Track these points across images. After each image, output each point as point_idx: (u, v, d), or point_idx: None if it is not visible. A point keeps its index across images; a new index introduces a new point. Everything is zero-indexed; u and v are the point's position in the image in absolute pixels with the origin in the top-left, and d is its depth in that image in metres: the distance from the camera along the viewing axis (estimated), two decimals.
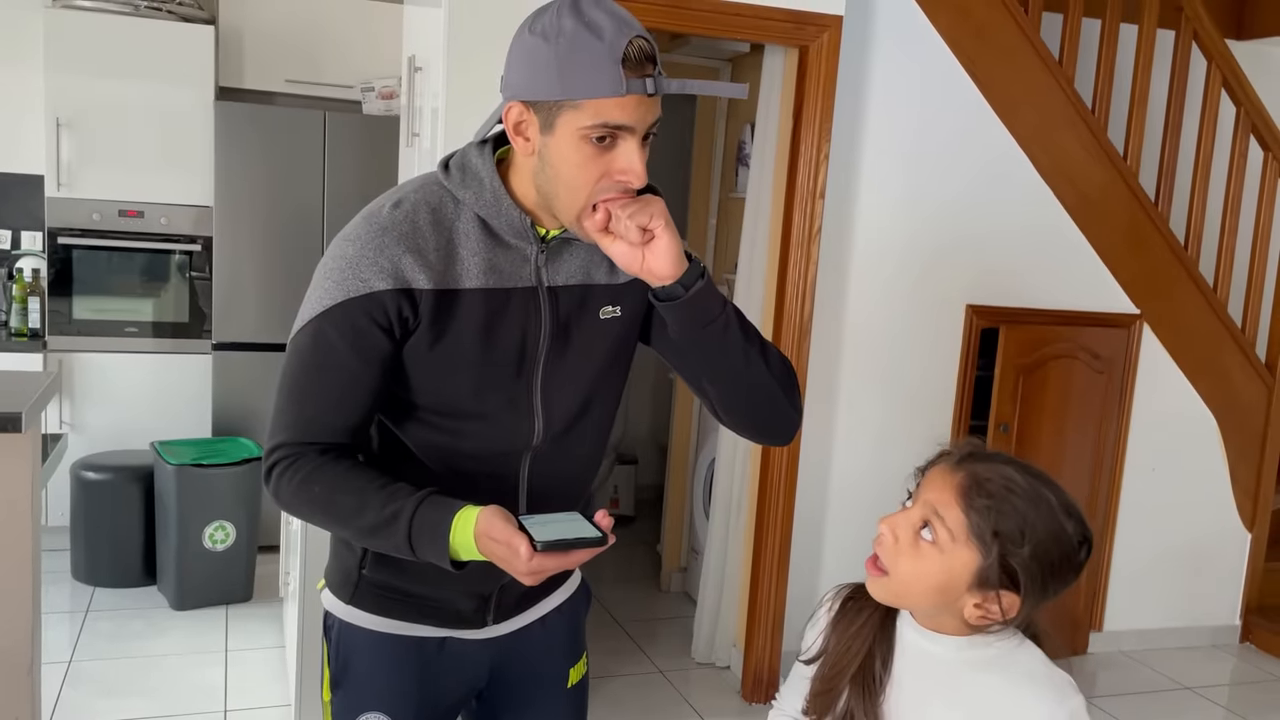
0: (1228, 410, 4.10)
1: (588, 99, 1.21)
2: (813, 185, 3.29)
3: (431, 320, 1.31)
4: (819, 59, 3.24)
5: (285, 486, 1.33)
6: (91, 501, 3.93)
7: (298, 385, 1.34)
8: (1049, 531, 1.17)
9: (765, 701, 3.46)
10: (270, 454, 1.35)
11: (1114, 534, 4.04)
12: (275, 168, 4.27)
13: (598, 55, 1.19)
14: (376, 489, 1.30)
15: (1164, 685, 3.87)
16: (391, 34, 4.23)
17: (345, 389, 1.32)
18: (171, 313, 4.36)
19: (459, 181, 1.34)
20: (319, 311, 1.30)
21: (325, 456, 1.33)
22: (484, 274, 1.32)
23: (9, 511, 2.22)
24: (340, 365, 1.30)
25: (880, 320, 3.54)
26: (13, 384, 2.39)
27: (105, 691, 3.22)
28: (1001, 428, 3.65)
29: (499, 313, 1.33)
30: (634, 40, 1.20)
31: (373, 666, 1.47)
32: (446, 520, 1.25)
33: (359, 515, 1.30)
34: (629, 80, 1.20)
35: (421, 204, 1.33)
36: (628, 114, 1.22)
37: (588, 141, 1.23)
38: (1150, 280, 3.89)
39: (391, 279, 1.28)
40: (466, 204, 1.33)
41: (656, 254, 1.28)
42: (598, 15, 1.21)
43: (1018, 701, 1.19)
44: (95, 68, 4.12)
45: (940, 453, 1.26)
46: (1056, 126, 3.63)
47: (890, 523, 1.22)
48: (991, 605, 1.19)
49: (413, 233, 1.30)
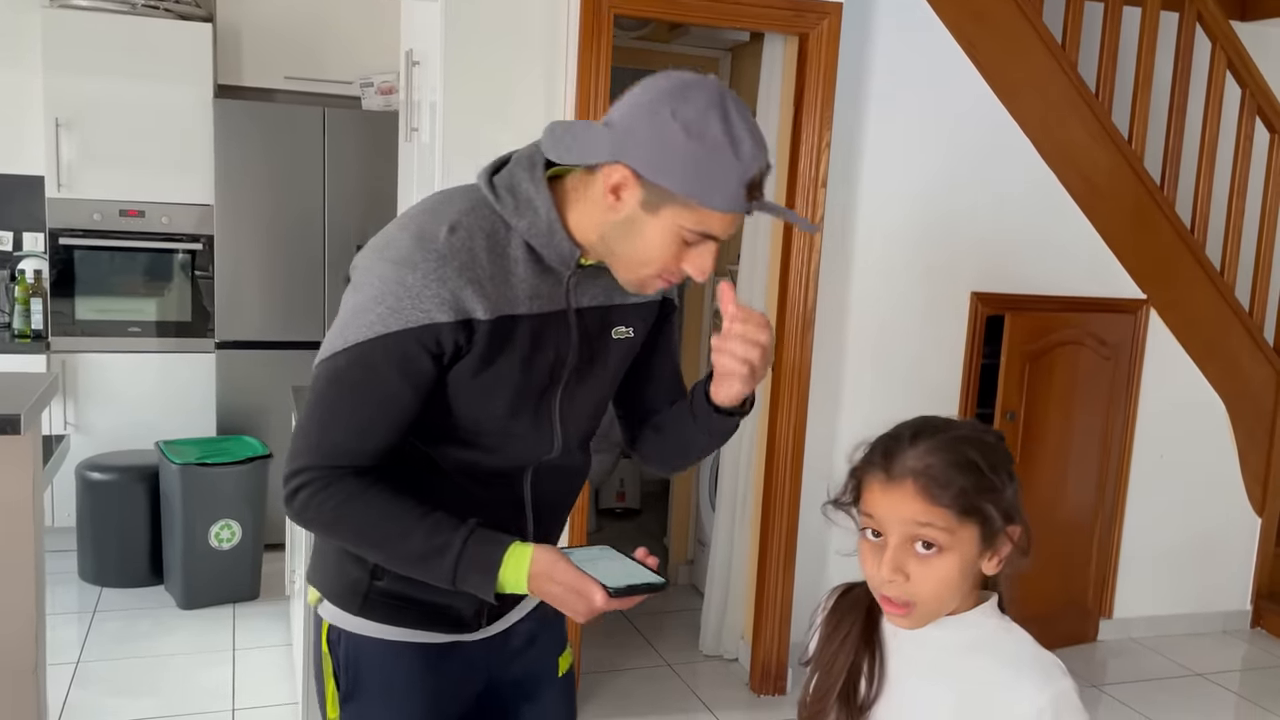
0: (1236, 395, 4.07)
1: (704, 207, 1.25)
2: (815, 174, 3.27)
3: (484, 348, 1.31)
4: (819, 46, 3.22)
5: (315, 510, 1.32)
6: (97, 502, 3.93)
7: (334, 409, 1.31)
8: (995, 456, 1.22)
9: (774, 693, 3.45)
10: (296, 475, 1.32)
11: (1123, 521, 4.02)
12: (275, 165, 4.26)
13: (730, 172, 1.23)
14: (418, 518, 1.31)
15: (1175, 672, 3.85)
16: (390, 29, 4.21)
17: (388, 415, 1.31)
18: (174, 312, 4.35)
19: (511, 208, 1.33)
20: (370, 336, 1.27)
21: (361, 480, 1.31)
22: (530, 299, 1.34)
23: (11, 513, 2.22)
24: (387, 392, 1.29)
25: (884, 309, 3.52)
26: (12, 385, 2.38)
27: (113, 691, 3.22)
28: (1008, 415, 3.63)
29: (540, 337, 1.36)
30: (763, 169, 1.26)
31: (386, 677, 1.46)
32: (497, 556, 1.29)
33: (403, 541, 1.31)
34: (745, 203, 1.26)
35: (477, 230, 1.31)
36: (727, 228, 1.29)
37: (681, 237, 1.28)
38: (1157, 265, 3.86)
39: (453, 311, 1.27)
40: (517, 230, 1.33)
41: (745, 386, 1.37)
42: (741, 129, 1.24)
43: (1006, 682, 1.19)
44: (94, 67, 4.11)
45: (856, 475, 1.25)
46: (1060, 111, 3.60)
47: (891, 564, 1.19)
48: (1002, 548, 1.21)
49: (471, 262, 1.29)
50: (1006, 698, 1.18)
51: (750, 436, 3.53)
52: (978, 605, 1.24)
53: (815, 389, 3.41)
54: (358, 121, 4.33)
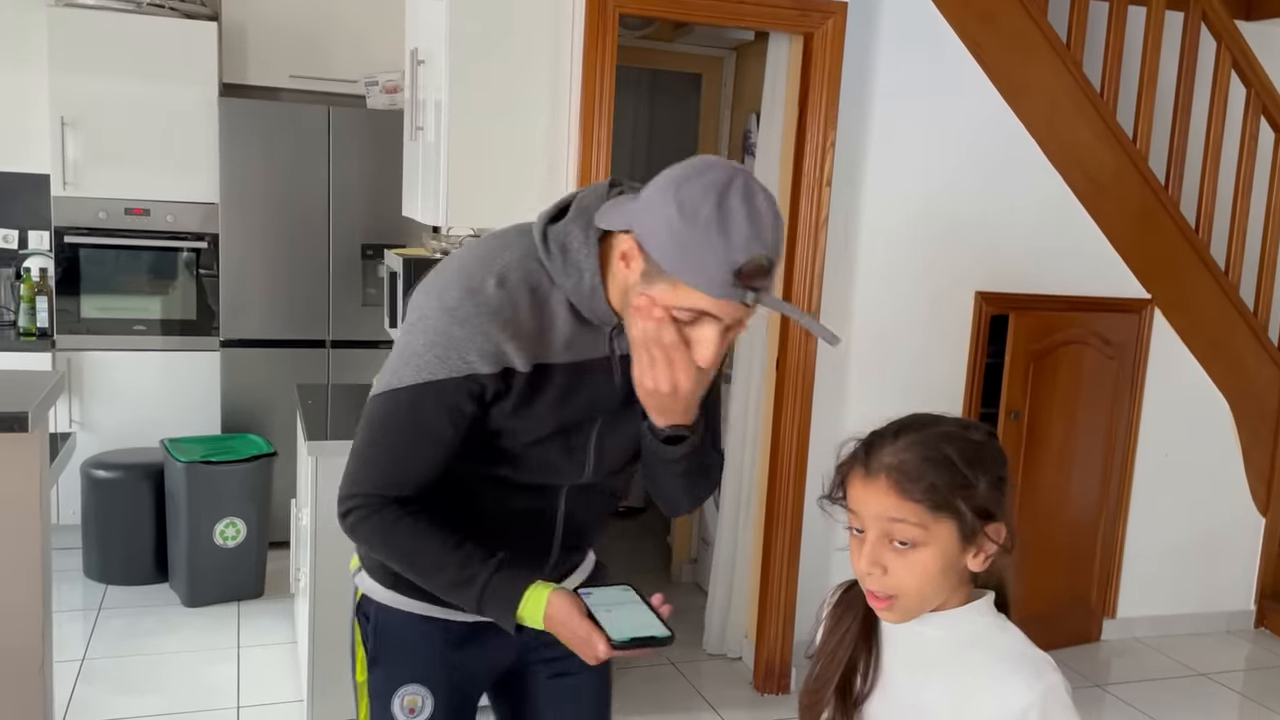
0: (1241, 394, 4.07)
1: (694, 289, 1.27)
2: (819, 174, 3.27)
3: (520, 393, 1.40)
4: (824, 46, 3.22)
5: (365, 532, 1.45)
6: (102, 500, 3.93)
7: (388, 444, 1.43)
8: (975, 453, 1.21)
9: (778, 692, 3.46)
10: (350, 498, 1.45)
11: (1127, 520, 4.02)
12: (280, 163, 4.26)
13: (717, 257, 1.24)
14: (451, 549, 1.42)
15: (1179, 672, 3.85)
16: (395, 27, 4.21)
17: (433, 453, 1.42)
18: (179, 310, 4.36)
19: (560, 267, 1.39)
20: (420, 382, 1.37)
21: (405, 509, 1.43)
22: (566, 348, 1.42)
23: (18, 510, 2.23)
24: (434, 435, 1.40)
25: (889, 309, 3.52)
26: (19, 383, 2.39)
27: (118, 688, 3.23)
28: (1012, 415, 3.63)
29: (577, 383, 1.43)
30: (756, 258, 1.25)
31: (411, 643, 1.57)
32: (517, 596, 1.39)
33: (438, 572, 1.43)
34: (735, 290, 1.25)
35: (522, 284, 1.39)
36: (720, 310, 1.29)
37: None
38: (1161, 264, 3.86)
39: (494, 363, 1.37)
40: (561, 287, 1.40)
41: (653, 415, 1.40)
42: (738, 212, 1.25)
43: (998, 678, 1.20)
44: (99, 66, 4.12)
45: (839, 471, 1.28)
46: (1065, 111, 3.60)
47: (869, 559, 1.22)
48: (986, 545, 1.22)
49: (515, 317, 1.37)
50: (997, 693, 1.19)
51: (754, 435, 3.53)
52: (971, 602, 1.25)
53: (819, 388, 3.41)
54: (362, 120, 4.34)
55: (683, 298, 1.28)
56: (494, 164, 3.07)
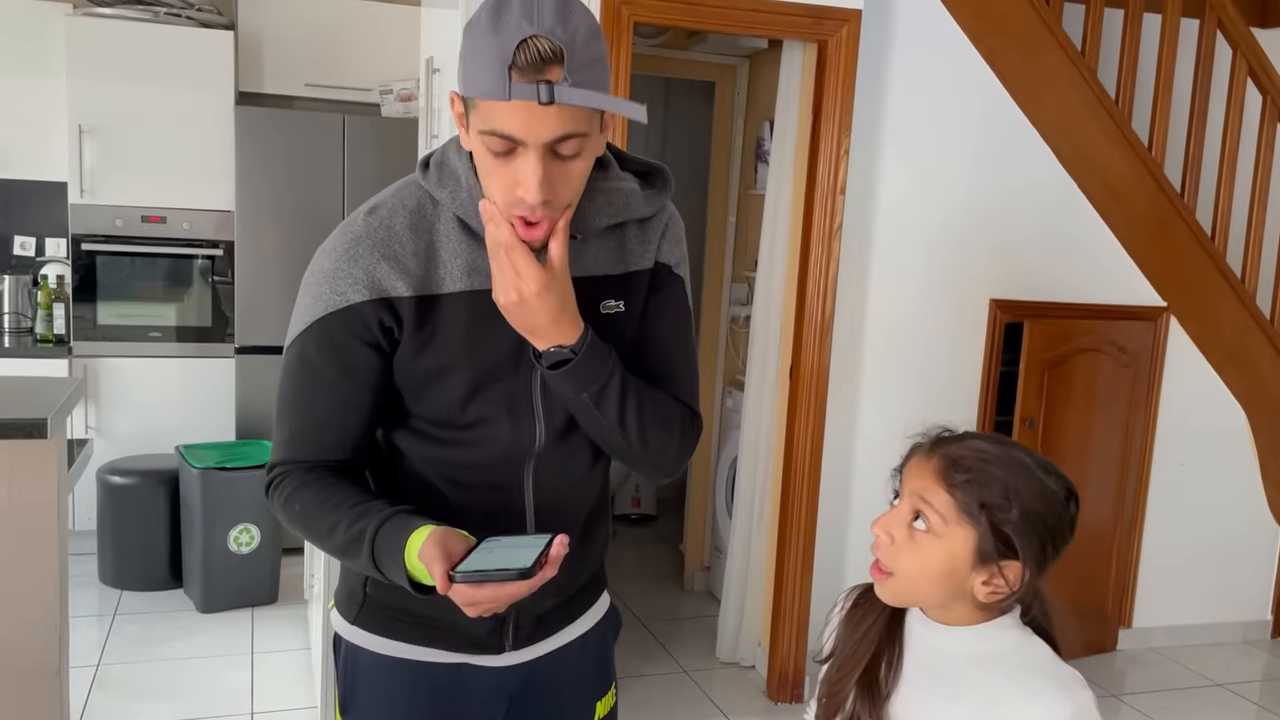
0: (1257, 403, 4.05)
1: (479, 99, 1.13)
2: (833, 181, 3.27)
3: (415, 328, 1.26)
4: (838, 54, 3.22)
5: (277, 504, 1.31)
6: (117, 505, 3.95)
7: (288, 403, 1.31)
8: (1032, 490, 1.19)
9: (791, 701, 3.44)
10: (269, 471, 1.33)
11: (1143, 529, 4.00)
12: (295, 171, 4.28)
13: (489, 53, 1.10)
14: (349, 506, 1.24)
15: (1195, 682, 3.82)
16: (409, 36, 4.24)
17: (333, 406, 1.29)
18: (195, 317, 4.38)
19: (436, 180, 1.28)
20: (301, 329, 1.27)
21: (311, 474, 1.29)
22: (467, 275, 1.27)
23: (36, 516, 2.24)
24: (325, 382, 1.27)
25: (903, 316, 3.52)
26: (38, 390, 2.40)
27: (133, 694, 3.24)
28: (1027, 423, 3.62)
29: (487, 314, 1.26)
30: (530, 40, 1.09)
31: (379, 694, 1.39)
32: (402, 541, 1.18)
33: (332, 534, 1.25)
34: (515, 85, 1.09)
35: (399, 207, 1.28)
36: (515, 124, 1.12)
37: (489, 150, 1.15)
38: (1176, 272, 3.84)
39: (369, 289, 1.24)
40: (444, 204, 1.28)
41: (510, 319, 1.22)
42: (513, 7, 1.11)
43: (1025, 695, 1.19)
44: (117, 75, 4.15)
45: (912, 446, 1.27)
46: (1080, 118, 3.59)
47: (882, 523, 1.23)
48: (998, 579, 1.19)
49: (388, 239, 1.25)
50: (1025, 710, 1.17)
51: (768, 442, 3.53)
52: (996, 620, 1.23)
53: (833, 395, 3.41)
54: (377, 128, 4.36)
55: (484, 118, 1.13)
56: None
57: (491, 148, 1.15)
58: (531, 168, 1.14)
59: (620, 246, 1.35)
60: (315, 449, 1.30)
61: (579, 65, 1.11)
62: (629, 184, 1.33)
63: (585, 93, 1.11)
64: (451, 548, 1.15)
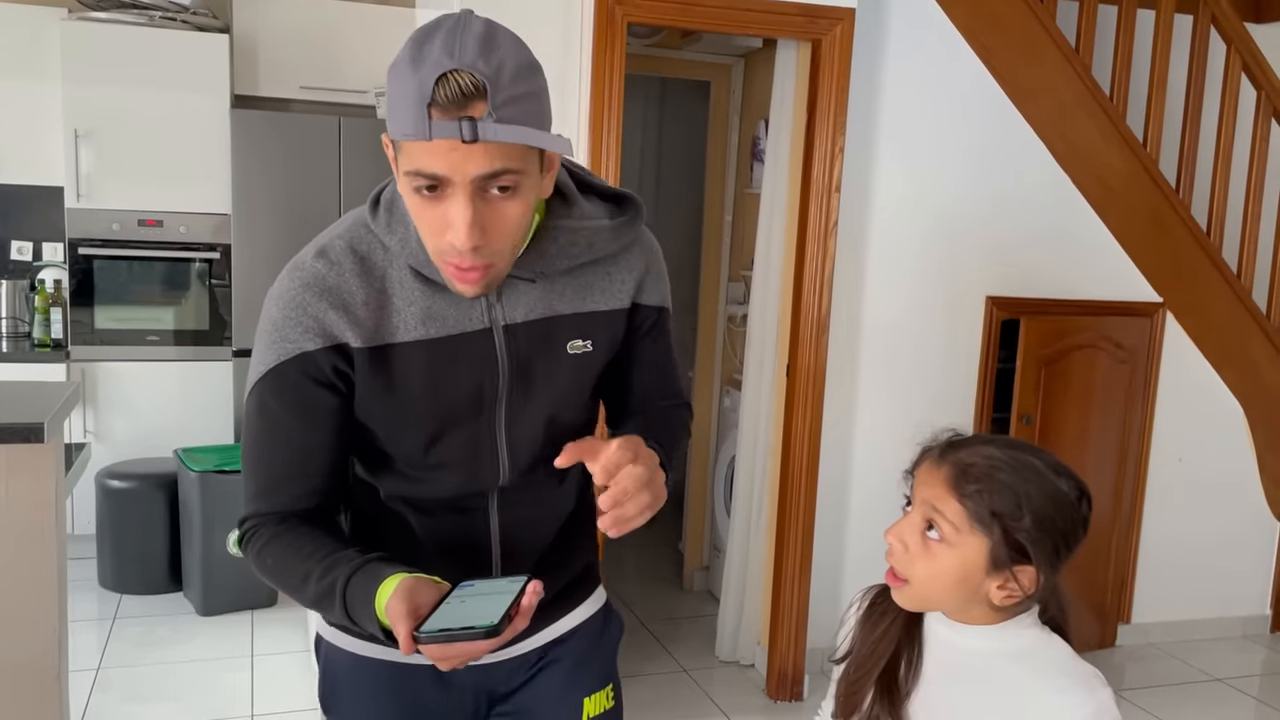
0: (1254, 398, 4.05)
1: (401, 140, 1.09)
2: (828, 179, 3.28)
3: (369, 377, 1.23)
4: (832, 52, 3.22)
5: (250, 558, 1.28)
6: (116, 509, 3.96)
7: (251, 455, 1.27)
8: (1044, 495, 1.19)
9: (791, 699, 3.45)
10: (239, 525, 1.30)
11: (1141, 525, 4.00)
12: (292, 174, 4.29)
13: (409, 90, 1.06)
14: (320, 558, 1.21)
15: (1194, 677, 3.83)
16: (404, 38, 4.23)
17: (292, 455, 1.25)
18: (192, 320, 4.38)
19: (385, 225, 1.23)
20: (257, 379, 1.23)
21: (283, 525, 1.25)
22: (422, 323, 1.23)
23: (34, 520, 2.24)
24: (284, 431, 1.24)
25: (899, 314, 3.52)
26: (35, 394, 2.40)
27: (133, 697, 3.24)
28: (1024, 419, 3.62)
29: (446, 363, 1.24)
30: (450, 75, 1.04)
31: (357, 693, 1.39)
32: (372, 591, 1.14)
33: (304, 586, 1.22)
34: (435, 123, 1.05)
35: (347, 252, 1.23)
36: (438, 162, 1.07)
37: (415, 191, 1.11)
38: (1173, 268, 3.85)
39: (320, 337, 1.21)
40: (395, 251, 1.23)
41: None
42: (435, 43, 1.07)
43: (1045, 694, 1.19)
44: (112, 79, 4.15)
45: (922, 451, 1.27)
46: (1075, 115, 3.60)
47: (896, 532, 1.24)
48: (1012, 584, 1.20)
49: (338, 286, 1.21)
50: (1047, 708, 1.18)
51: (765, 441, 3.53)
52: (1015, 618, 1.24)
53: (830, 394, 3.41)
54: (373, 130, 4.36)
55: (408, 159, 1.09)
56: None
57: (418, 187, 1.10)
58: (460, 210, 1.09)
59: (587, 285, 1.31)
60: (282, 500, 1.27)
61: (504, 101, 1.06)
62: (593, 221, 1.29)
63: (511, 128, 1.06)
64: (420, 600, 1.10)
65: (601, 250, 1.30)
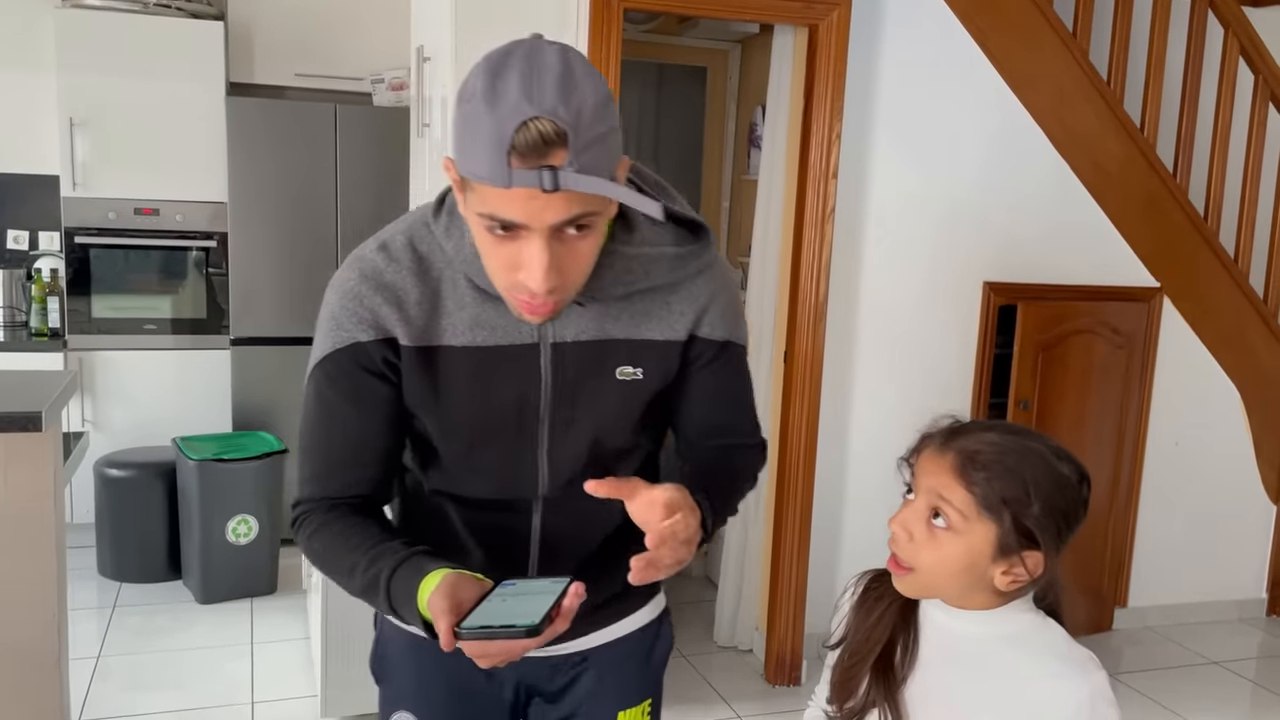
0: (1251, 382, 4.06)
1: (475, 181, 1.06)
2: (825, 165, 3.27)
3: (414, 374, 1.24)
4: (829, 37, 3.22)
5: (301, 542, 1.31)
6: (115, 498, 3.96)
7: (306, 439, 1.30)
8: (1050, 481, 1.19)
9: (789, 684, 3.46)
10: (293, 508, 1.33)
11: (1137, 509, 4.02)
12: (288, 161, 4.28)
13: (485, 134, 1.02)
14: (365, 549, 1.22)
15: (1191, 660, 3.84)
16: (400, 25, 4.22)
17: (347, 442, 1.28)
18: (189, 309, 4.38)
19: (444, 229, 1.23)
20: (314, 364, 1.26)
21: (332, 513, 1.28)
22: (470, 329, 1.23)
23: (33, 509, 2.25)
24: (339, 418, 1.26)
25: (896, 300, 3.52)
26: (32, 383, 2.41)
27: (134, 685, 3.25)
28: (1021, 405, 3.63)
29: (489, 372, 1.24)
30: (530, 123, 1.00)
31: (407, 668, 1.43)
32: (414, 586, 1.15)
33: (350, 576, 1.24)
34: (515, 172, 1.02)
35: (407, 249, 1.24)
36: (516, 209, 1.04)
37: (488, 230, 1.09)
38: (1170, 253, 3.85)
39: (373, 330, 1.22)
40: (452, 256, 1.23)
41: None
42: (511, 80, 1.02)
43: (1042, 678, 1.20)
44: (107, 67, 4.14)
45: (922, 437, 1.27)
46: (1072, 99, 3.59)
47: (900, 520, 1.23)
48: (1018, 568, 1.20)
49: (393, 282, 1.22)
50: (1044, 691, 1.19)
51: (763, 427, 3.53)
52: (1011, 603, 1.25)
53: (827, 380, 3.42)
54: (369, 118, 4.35)
55: (483, 201, 1.06)
56: None
57: (490, 227, 1.08)
58: (536, 253, 1.07)
59: (644, 311, 1.28)
60: (334, 486, 1.29)
61: (584, 145, 1.03)
62: (653, 249, 1.25)
63: (592, 179, 1.03)
64: (462, 596, 1.10)
65: (659, 279, 1.27)
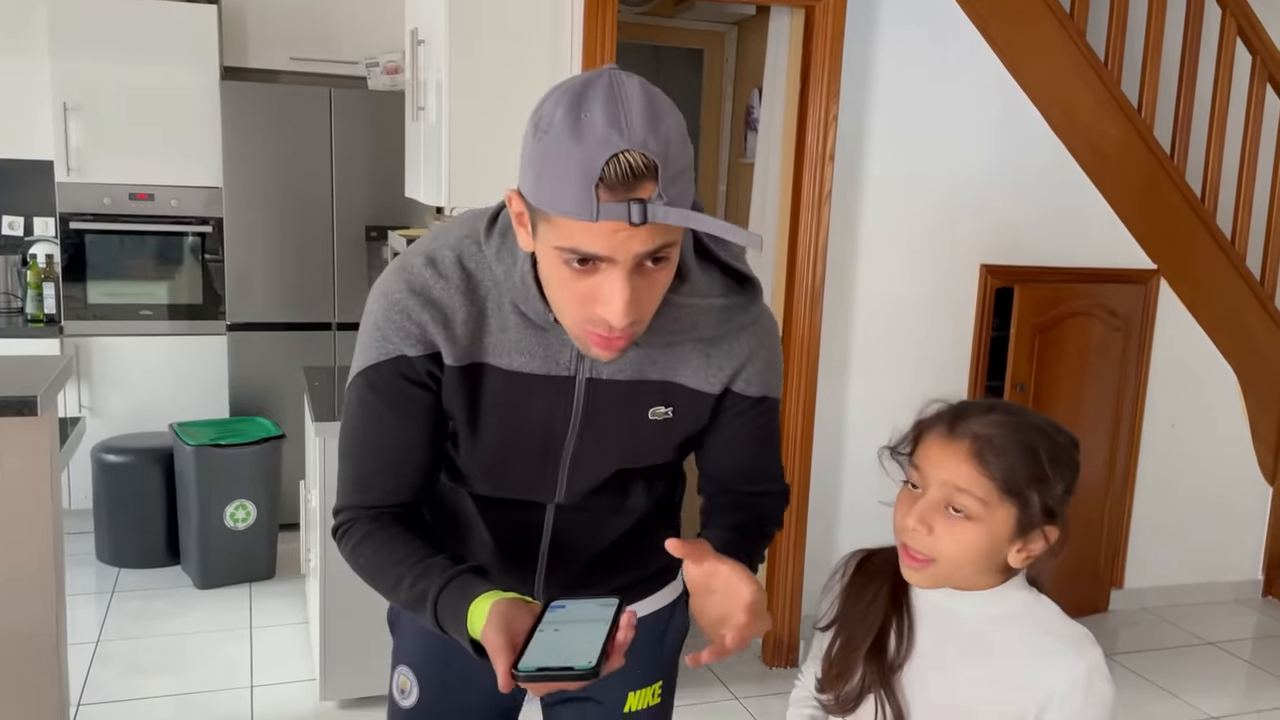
0: (1247, 364, 4.06)
1: (557, 216, 1.03)
2: (822, 148, 3.27)
3: (452, 389, 1.25)
4: (825, 19, 3.20)
5: (345, 553, 1.31)
6: (113, 484, 3.96)
7: (348, 446, 1.30)
8: (1059, 456, 1.21)
9: (786, 666, 3.48)
10: (335, 515, 1.33)
11: (1134, 491, 4.02)
12: (283, 146, 4.26)
13: (569, 168, 1.00)
14: (410, 565, 1.23)
15: (1187, 641, 3.86)
16: (394, 8, 4.20)
17: (391, 448, 1.28)
18: (185, 294, 4.37)
19: (495, 252, 1.21)
20: (358, 372, 1.26)
21: (376, 524, 1.28)
22: (511, 353, 1.23)
23: (29, 493, 2.25)
24: (381, 426, 1.26)
25: (893, 283, 3.52)
26: (28, 368, 2.41)
27: (133, 670, 3.26)
28: (1018, 387, 3.63)
29: (522, 398, 1.25)
30: (621, 155, 0.99)
31: (414, 626, 1.48)
32: (464, 609, 1.14)
33: (396, 590, 1.24)
34: (603, 205, 0.99)
35: (455, 266, 1.22)
36: (600, 243, 1.02)
37: (565, 263, 1.06)
38: (1167, 235, 3.84)
39: (420, 344, 1.22)
40: (501, 280, 1.22)
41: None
42: (595, 113, 1.00)
43: (1038, 655, 1.21)
44: (100, 51, 4.12)
45: (920, 427, 1.25)
46: (1069, 81, 3.58)
47: (918, 514, 1.21)
48: (1034, 544, 1.21)
49: (442, 301, 1.21)
50: (1041, 668, 1.20)
51: None
52: (1007, 582, 1.25)
53: (824, 363, 3.42)
54: (364, 101, 4.33)
55: (562, 235, 1.04)
56: (496, 143, 3.07)
57: (568, 260, 1.06)
58: (618, 287, 1.05)
59: (682, 359, 1.27)
60: (375, 494, 1.30)
61: (673, 178, 1.02)
62: (703, 300, 1.25)
63: (680, 211, 1.02)
64: (516, 628, 1.08)
65: (705, 332, 1.27)
